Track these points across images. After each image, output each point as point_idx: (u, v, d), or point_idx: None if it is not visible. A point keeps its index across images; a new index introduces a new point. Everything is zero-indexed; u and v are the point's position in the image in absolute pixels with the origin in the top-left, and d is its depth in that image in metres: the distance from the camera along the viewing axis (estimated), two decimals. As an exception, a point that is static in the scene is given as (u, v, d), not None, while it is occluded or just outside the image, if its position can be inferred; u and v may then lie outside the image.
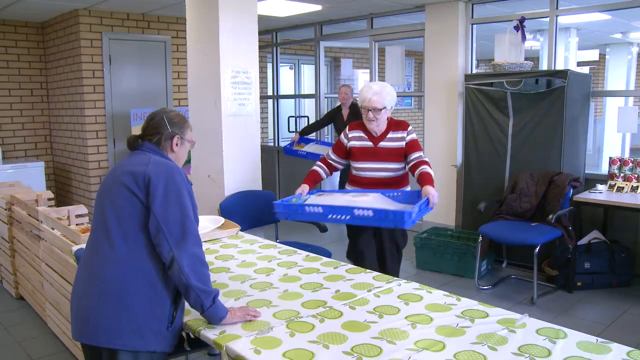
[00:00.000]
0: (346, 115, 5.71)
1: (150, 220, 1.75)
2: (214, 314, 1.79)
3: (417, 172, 3.07)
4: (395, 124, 3.23)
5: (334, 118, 5.86)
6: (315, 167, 3.36)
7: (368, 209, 2.54)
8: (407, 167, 3.19)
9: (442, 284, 4.43)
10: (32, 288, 3.92)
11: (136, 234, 1.77)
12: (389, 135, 3.19)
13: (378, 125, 3.15)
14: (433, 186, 2.96)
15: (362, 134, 3.24)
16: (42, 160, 6.66)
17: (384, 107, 3.09)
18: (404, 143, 3.17)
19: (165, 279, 1.79)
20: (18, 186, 4.76)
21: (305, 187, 3.18)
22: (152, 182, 1.78)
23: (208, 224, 3.06)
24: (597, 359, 1.53)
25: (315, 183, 3.28)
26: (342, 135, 3.35)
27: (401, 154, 3.18)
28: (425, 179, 3.00)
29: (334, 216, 2.60)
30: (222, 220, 3.15)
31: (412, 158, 3.15)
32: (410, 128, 3.23)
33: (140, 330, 1.74)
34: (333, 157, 3.36)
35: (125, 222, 1.77)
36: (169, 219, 1.75)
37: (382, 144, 3.19)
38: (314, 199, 2.95)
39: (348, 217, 2.57)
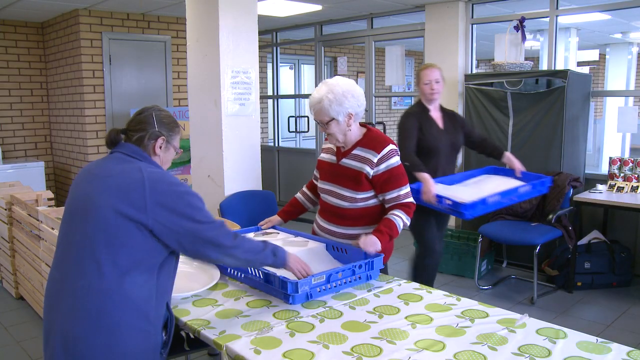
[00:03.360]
0: (441, 120, 3.50)
1: (176, 238, 1.66)
2: (278, 265, 1.95)
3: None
4: (368, 139, 2.39)
5: (422, 126, 3.43)
6: (298, 194, 2.77)
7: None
8: (385, 206, 2.41)
9: (442, 284, 4.43)
10: (32, 288, 3.92)
11: (128, 259, 1.61)
12: (354, 152, 2.40)
13: (339, 140, 2.39)
14: (385, 238, 2.24)
15: (331, 146, 2.53)
16: (42, 160, 6.66)
17: (332, 119, 2.31)
18: (369, 169, 2.34)
19: (157, 304, 1.67)
20: (18, 186, 4.76)
21: (274, 220, 2.67)
22: (156, 200, 1.64)
23: None
24: (597, 359, 1.53)
25: (294, 215, 2.72)
26: None
27: (359, 180, 2.35)
28: (379, 225, 2.29)
29: (233, 271, 2.24)
30: None
31: (387, 197, 2.36)
32: (387, 150, 2.34)
33: None
34: (316, 174, 2.67)
35: (117, 248, 1.61)
36: (191, 230, 1.68)
37: (344, 161, 2.43)
38: None
39: (242, 275, 2.20)
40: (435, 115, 3.48)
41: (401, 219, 2.32)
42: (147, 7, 5.94)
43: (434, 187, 3.13)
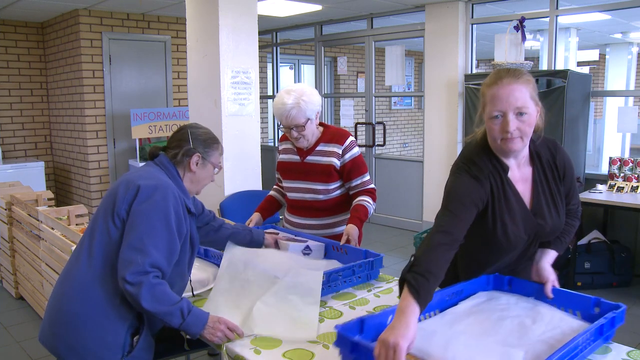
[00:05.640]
0: (529, 188, 1.74)
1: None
2: (189, 328, 1.65)
3: (353, 203, 2.53)
4: (329, 135, 2.57)
5: (490, 204, 1.69)
6: (272, 192, 2.85)
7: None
8: (349, 193, 2.59)
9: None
10: (32, 288, 3.92)
11: (102, 256, 1.67)
12: (318, 148, 2.56)
13: (309, 140, 2.54)
14: (359, 225, 2.41)
15: (290, 146, 2.65)
16: (42, 160, 6.67)
17: (308, 120, 2.47)
18: (336, 160, 2.52)
19: (121, 307, 1.67)
20: (18, 186, 4.76)
21: (255, 218, 2.68)
22: (137, 197, 1.69)
23: None
24: (597, 359, 1.52)
25: (272, 212, 2.79)
26: None
27: (330, 173, 2.53)
28: (353, 215, 2.45)
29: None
30: None
31: (353, 185, 2.56)
32: (349, 142, 2.54)
33: (90, 357, 1.65)
34: (277, 175, 2.82)
35: (95, 243, 1.69)
36: (127, 242, 1.63)
37: (309, 158, 2.57)
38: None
39: None
40: (519, 176, 1.73)
41: (370, 205, 2.53)
42: (147, 7, 5.94)
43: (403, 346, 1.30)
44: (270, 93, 7.98)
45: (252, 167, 4.07)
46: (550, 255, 1.80)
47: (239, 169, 3.97)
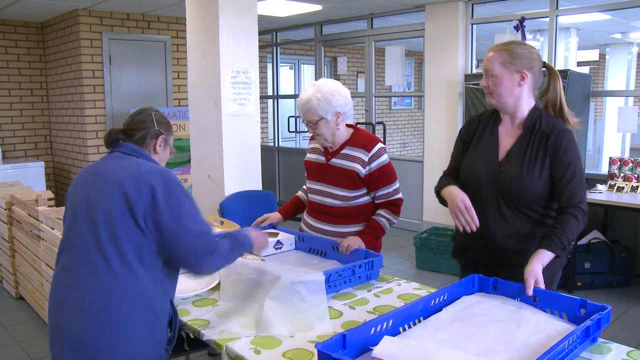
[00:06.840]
0: (514, 143, 2.04)
1: (163, 237, 1.66)
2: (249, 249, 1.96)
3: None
4: (357, 139, 2.43)
5: (470, 141, 2.20)
6: (299, 192, 2.76)
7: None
8: (375, 202, 2.48)
9: (442, 284, 4.43)
10: (32, 288, 3.92)
11: (134, 255, 1.63)
12: (343, 151, 2.43)
13: (327, 140, 2.42)
14: (370, 239, 2.37)
15: (318, 146, 2.55)
16: (42, 160, 6.67)
17: (321, 118, 2.35)
18: (360, 167, 2.38)
19: (163, 300, 1.70)
20: (18, 186, 4.76)
21: (274, 217, 2.67)
22: (157, 193, 1.65)
23: None
24: (597, 359, 1.52)
25: (295, 212, 2.72)
26: None
27: (353, 180, 2.39)
28: (365, 227, 2.42)
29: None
30: None
31: (379, 194, 2.43)
32: (377, 149, 2.39)
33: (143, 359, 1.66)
34: (306, 174, 2.70)
35: (122, 244, 1.63)
36: (183, 233, 1.68)
37: (333, 160, 2.45)
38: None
39: None
40: (509, 132, 2.04)
41: (387, 219, 2.45)
42: (147, 7, 5.94)
43: (462, 200, 1.93)
44: (270, 93, 7.98)
45: (252, 167, 4.07)
46: (544, 256, 1.84)
47: (239, 169, 3.97)
